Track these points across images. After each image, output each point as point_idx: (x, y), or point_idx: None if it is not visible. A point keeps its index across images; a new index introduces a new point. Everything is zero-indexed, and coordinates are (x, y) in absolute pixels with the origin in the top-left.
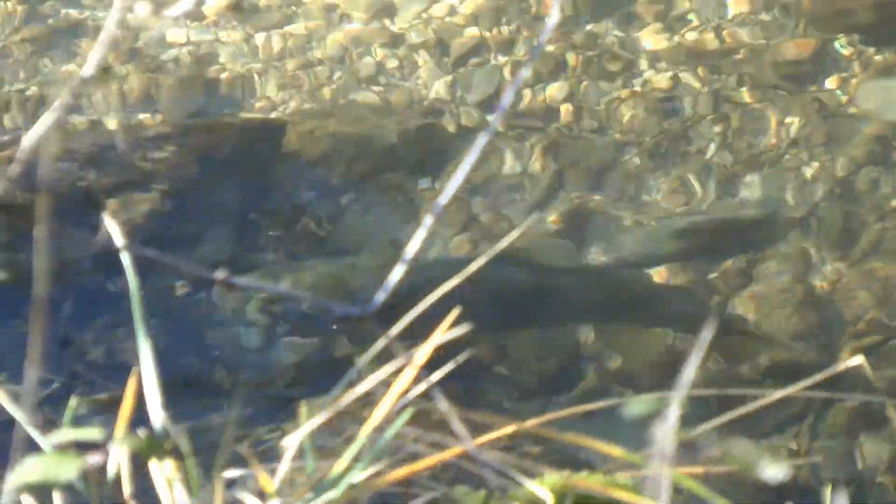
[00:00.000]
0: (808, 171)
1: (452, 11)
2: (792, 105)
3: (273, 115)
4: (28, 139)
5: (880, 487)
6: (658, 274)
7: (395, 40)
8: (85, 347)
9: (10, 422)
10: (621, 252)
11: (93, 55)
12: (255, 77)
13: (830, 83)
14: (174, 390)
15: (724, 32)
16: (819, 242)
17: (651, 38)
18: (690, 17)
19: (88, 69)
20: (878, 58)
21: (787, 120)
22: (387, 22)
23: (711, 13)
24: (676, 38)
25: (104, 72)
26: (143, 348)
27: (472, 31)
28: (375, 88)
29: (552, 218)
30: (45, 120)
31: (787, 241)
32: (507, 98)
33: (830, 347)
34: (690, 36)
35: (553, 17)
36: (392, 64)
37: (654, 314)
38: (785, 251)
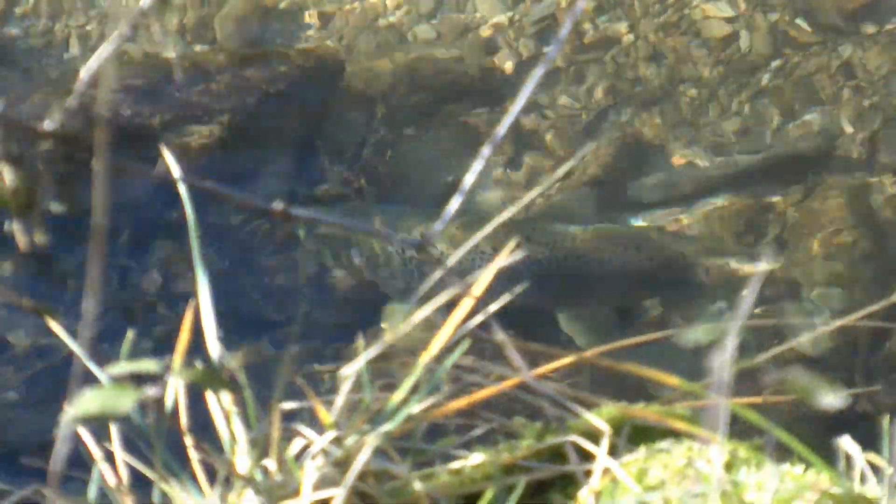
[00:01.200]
0: (867, 105)
1: None
2: (853, 44)
3: (330, 47)
4: (86, 71)
5: None
6: (713, 207)
7: None
8: (143, 280)
9: (69, 354)
10: (676, 188)
11: None
12: (312, 8)
13: (890, 23)
14: (232, 322)
15: None
16: (877, 174)
17: None
18: None
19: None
20: None
21: (846, 56)
22: None
23: None
24: None
25: (162, 2)
26: (200, 280)
27: None
28: (433, 21)
29: (607, 150)
30: (103, 51)
31: (846, 174)
32: (564, 30)
33: (888, 277)
34: None
35: None
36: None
37: (709, 246)
38: (844, 183)
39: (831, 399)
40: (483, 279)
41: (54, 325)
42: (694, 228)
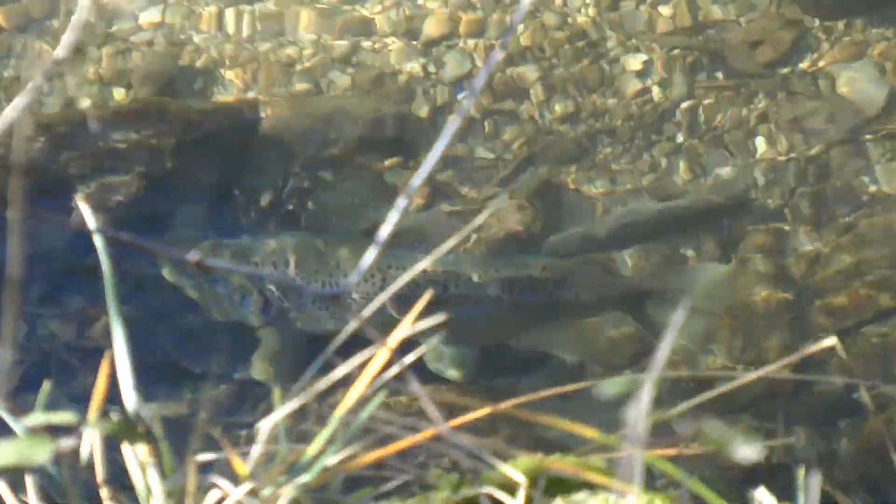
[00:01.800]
0: (781, 154)
1: None
2: (763, 87)
3: (246, 95)
4: (1, 121)
5: (853, 468)
6: (629, 258)
7: (366, 23)
8: (58, 330)
9: None
10: (593, 236)
11: (66, 37)
12: (228, 58)
13: (802, 65)
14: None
15: (698, 12)
16: (793, 225)
17: (625, 20)
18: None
19: (62, 51)
20: (846, 39)
21: (760, 102)
22: (356, 3)
23: None
24: (649, 20)
25: (77, 53)
26: (116, 331)
27: (443, 13)
28: (349, 69)
29: (523, 200)
30: (18, 102)
31: (760, 224)
32: (479, 80)
33: (803, 329)
34: (665, 11)
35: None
36: (365, 45)
37: (626, 297)
38: (758, 233)
39: (747, 451)
40: (399, 331)
41: None
42: (611, 276)
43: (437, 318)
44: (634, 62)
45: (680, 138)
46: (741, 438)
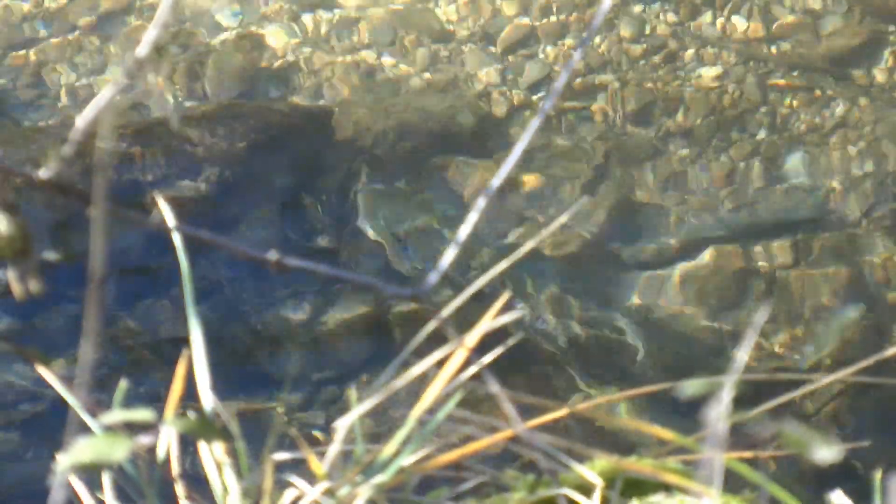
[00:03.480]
0: (859, 162)
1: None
2: (842, 92)
3: (322, 98)
4: (82, 119)
5: None
6: (706, 260)
7: (442, 27)
8: (137, 328)
9: (63, 403)
10: (670, 240)
11: (147, 35)
12: (304, 60)
13: (879, 70)
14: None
15: (773, 19)
16: (869, 232)
17: (701, 27)
18: (740, 3)
19: (143, 49)
20: None
21: (837, 107)
22: (434, 9)
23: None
24: (726, 26)
25: (158, 52)
26: (193, 330)
27: (523, 21)
28: (425, 74)
29: (599, 206)
30: (99, 100)
31: (837, 230)
32: (559, 83)
33: (880, 333)
34: (740, 22)
35: (605, 4)
36: (441, 51)
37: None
38: (835, 239)
39: (824, 453)
40: (477, 331)
41: (48, 374)
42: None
43: (515, 316)
44: (712, 70)
45: (756, 143)
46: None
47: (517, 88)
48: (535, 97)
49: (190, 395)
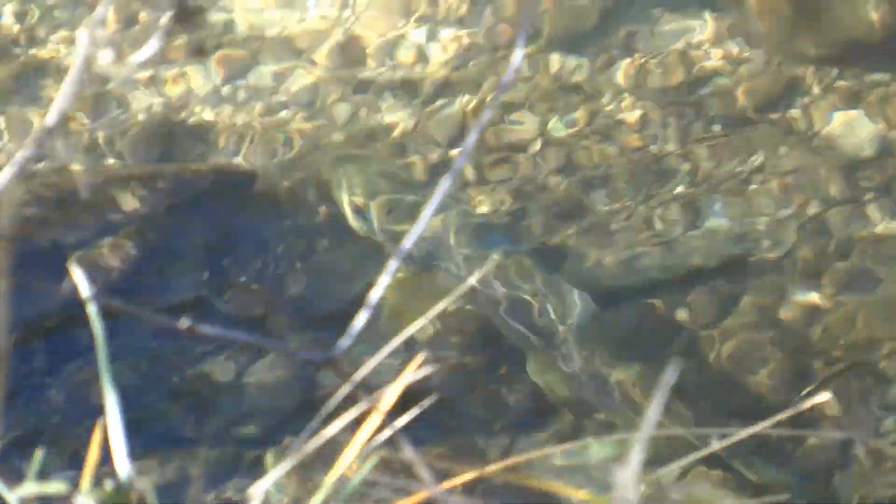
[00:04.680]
0: (779, 205)
1: (419, 52)
2: (759, 137)
3: (240, 158)
4: None
5: None
6: (624, 311)
7: (361, 80)
8: (51, 398)
9: None
10: (588, 291)
11: (57, 103)
12: (221, 121)
13: (797, 116)
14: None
15: (691, 67)
16: (791, 278)
17: (619, 76)
18: (658, 51)
19: (52, 118)
20: (840, 88)
21: (757, 155)
22: (353, 62)
23: (680, 46)
24: (644, 74)
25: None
26: (109, 397)
27: (440, 73)
28: (344, 129)
29: (518, 256)
30: (8, 170)
31: (757, 277)
32: (469, 141)
33: (799, 383)
34: (658, 70)
35: (518, 56)
36: (359, 105)
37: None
38: (755, 287)
39: None
40: (391, 393)
41: None
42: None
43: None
44: (631, 116)
45: (676, 190)
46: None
47: (436, 144)
48: (452, 152)
49: (107, 463)
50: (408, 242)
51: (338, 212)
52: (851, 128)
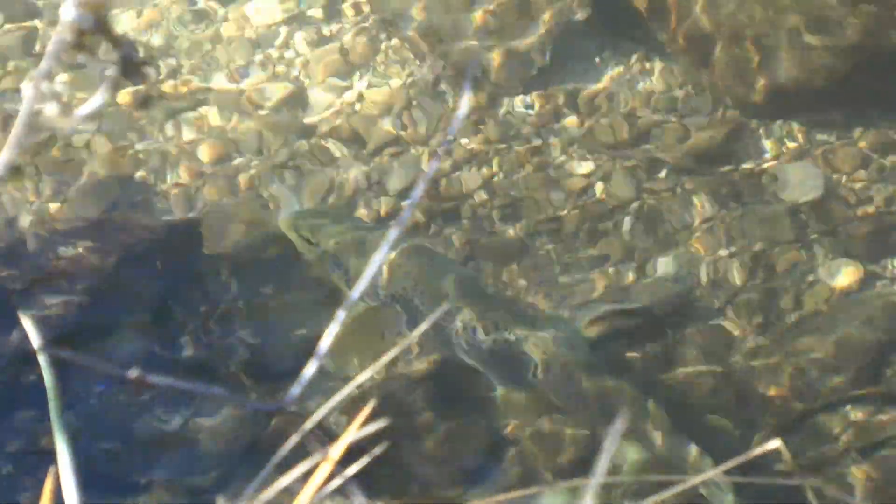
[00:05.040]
0: (726, 252)
1: (363, 100)
2: (707, 187)
3: (190, 209)
4: None
5: None
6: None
7: (308, 129)
8: (3, 445)
9: None
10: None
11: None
12: (169, 169)
13: (743, 163)
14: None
15: (638, 115)
16: (737, 323)
17: (566, 127)
18: (603, 101)
19: None
20: (785, 139)
21: (703, 202)
22: (299, 112)
23: (625, 96)
24: (590, 124)
25: (14, 171)
26: (60, 447)
27: (387, 123)
28: (293, 180)
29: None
30: None
31: (705, 323)
32: (416, 192)
33: (749, 430)
34: (604, 120)
35: (463, 108)
36: (307, 153)
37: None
38: (703, 333)
39: None
40: (342, 442)
41: None
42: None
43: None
44: (579, 168)
45: (624, 239)
46: None
47: (384, 194)
48: (401, 203)
49: None
50: (356, 293)
51: (287, 258)
52: (796, 173)
